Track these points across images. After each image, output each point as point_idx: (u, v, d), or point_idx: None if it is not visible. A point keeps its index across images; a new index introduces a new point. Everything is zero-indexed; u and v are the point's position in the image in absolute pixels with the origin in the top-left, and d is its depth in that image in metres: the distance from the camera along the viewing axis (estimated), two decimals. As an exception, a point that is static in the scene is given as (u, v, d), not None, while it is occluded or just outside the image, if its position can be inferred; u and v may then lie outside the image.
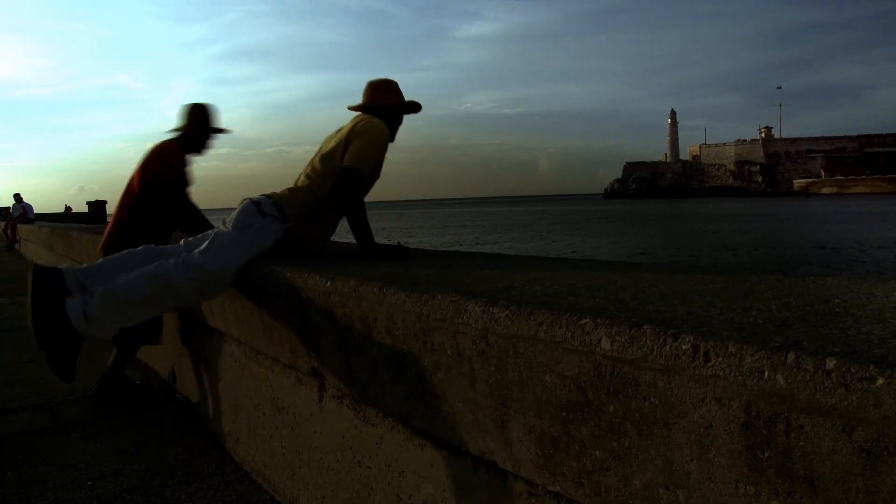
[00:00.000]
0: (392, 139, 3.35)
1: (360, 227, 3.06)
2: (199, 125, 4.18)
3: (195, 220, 4.24)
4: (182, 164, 4.13)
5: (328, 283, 2.20)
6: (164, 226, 4.20)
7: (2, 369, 5.28)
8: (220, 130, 4.26)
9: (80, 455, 3.38)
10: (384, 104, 3.34)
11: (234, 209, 3.07)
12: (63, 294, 2.68)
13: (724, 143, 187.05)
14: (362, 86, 3.41)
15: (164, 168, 4.08)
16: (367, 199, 3.21)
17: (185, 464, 3.22)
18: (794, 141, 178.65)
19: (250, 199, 3.07)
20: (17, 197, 21.93)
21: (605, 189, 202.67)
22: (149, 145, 4.22)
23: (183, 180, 4.17)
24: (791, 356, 1.01)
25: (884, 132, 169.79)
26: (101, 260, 3.07)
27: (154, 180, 4.07)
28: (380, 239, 3.22)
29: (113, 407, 4.13)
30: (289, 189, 3.21)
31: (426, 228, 62.52)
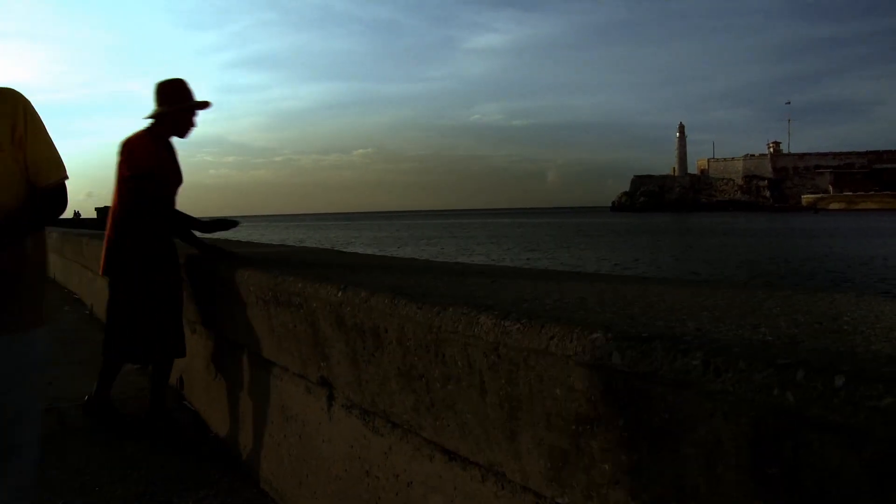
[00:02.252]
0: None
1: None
2: (173, 104, 3.67)
3: (181, 226, 3.80)
4: (151, 156, 3.62)
5: (339, 294, 2.22)
6: (156, 234, 3.71)
7: (11, 373, 5.30)
8: (200, 105, 3.76)
9: (87, 460, 3.40)
10: None
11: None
12: None
13: (733, 158, 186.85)
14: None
15: (133, 164, 3.60)
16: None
17: (193, 470, 3.24)
18: (802, 156, 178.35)
19: None
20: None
21: (613, 202, 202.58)
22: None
23: (155, 174, 3.64)
24: (800, 373, 1.02)
25: (893, 148, 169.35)
26: None
27: (127, 180, 3.61)
28: None
29: (160, 436, 3.77)
30: None
31: (433, 239, 62.55)
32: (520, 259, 35.82)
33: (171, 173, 3.81)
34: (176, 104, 3.68)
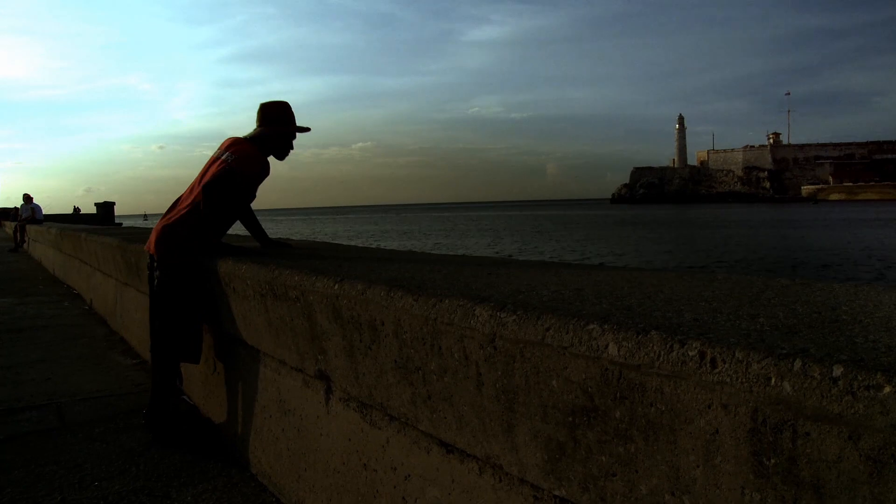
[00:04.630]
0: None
1: None
2: (275, 126, 3.77)
3: (251, 222, 4.01)
4: (265, 170, 3.73)
5: (336, 286, 2.21)
6: (224, 224, 3.79)
7: (9, 369, 5.30)
8: (302, 129, 3.86)
9: (86, 455, 3.40)
10: None
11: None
12: None
13: (732, 149, 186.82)
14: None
15: (247, 167, 3.63)
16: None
17: (191, 465, 3.24)
18: (802, 147, 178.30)
19: None
20: (27, 197, 22.00)
21: (613, 194, 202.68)
22: (224, 142, 3.83)
23: (252, 181, 3.73)
24: (798, 363, 1.01)
25: (893, 139, 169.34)
26: None
27: (231, 175, 3.59)
28: None
29: (163, 434, 3.62)
30: None
31: (433, 232, 62.55)
32: (517, 251, 35.82)
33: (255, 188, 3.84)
34: (278, 127, 3.77)
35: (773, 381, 1.02)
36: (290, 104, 3.85)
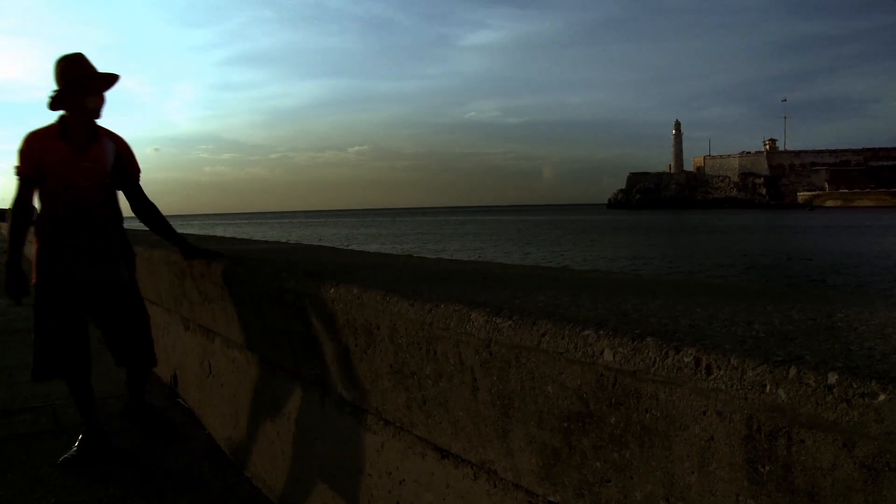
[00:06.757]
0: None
1: None
2: (67, 76, 3.23)
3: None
4: (25, 154, 3.19)
5: (332, 291, 2.20)
6: (59, 217, 3.35)
7: (4, 371, 5.28)
8: (104, 76, 3.33)
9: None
10: None
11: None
12: None
13: (729, 155, 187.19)
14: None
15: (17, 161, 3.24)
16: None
17: (187, 468, 3.23)
18: (798, 153, 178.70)
19: None
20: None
21: (609, 199, 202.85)
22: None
23: (25, 176, 3.24)
24: (793, 370, 1.01)
25: (889, 146, 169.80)
26: None
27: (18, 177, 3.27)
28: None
29: (147, 430, 3.73)
30: None
31: (429, 236, 62.57)
32: (513, 256, 35.83)
33: (77, 168, 3.29)
34: (65, 79, 3.22)
35: (768, 388, 1.02)
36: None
